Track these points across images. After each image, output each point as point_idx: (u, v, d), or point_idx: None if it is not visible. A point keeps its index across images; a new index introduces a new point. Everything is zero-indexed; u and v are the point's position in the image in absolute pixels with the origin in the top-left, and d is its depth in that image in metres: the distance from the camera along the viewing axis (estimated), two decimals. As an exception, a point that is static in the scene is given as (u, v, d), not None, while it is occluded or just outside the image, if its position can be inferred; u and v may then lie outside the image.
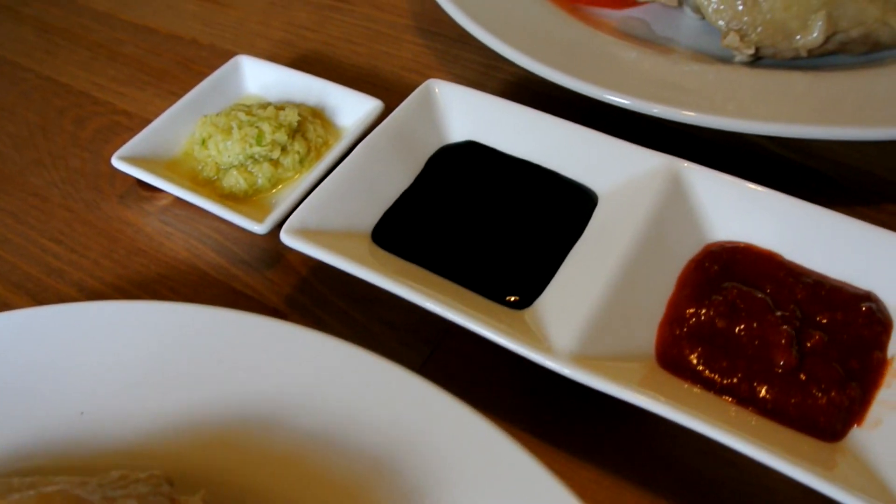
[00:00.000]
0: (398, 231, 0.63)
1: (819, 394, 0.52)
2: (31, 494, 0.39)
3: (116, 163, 0.69)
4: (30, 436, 0.51)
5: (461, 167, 0.68)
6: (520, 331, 0.54)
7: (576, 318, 0.54)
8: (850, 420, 0.51)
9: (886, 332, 0.55)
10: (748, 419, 0.51)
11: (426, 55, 0.85)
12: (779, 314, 0.55)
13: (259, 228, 0.64)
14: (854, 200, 0.70)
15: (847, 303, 0.57)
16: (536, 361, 0.51)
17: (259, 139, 0.70)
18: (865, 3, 0.73)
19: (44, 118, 0.82)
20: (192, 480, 0.48)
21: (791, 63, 0.77)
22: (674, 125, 0.69)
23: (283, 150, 0.71)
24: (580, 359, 0.52)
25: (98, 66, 0.87)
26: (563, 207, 0.64)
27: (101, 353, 0.53)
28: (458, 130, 0.70)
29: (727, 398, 0.53)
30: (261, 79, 0.79)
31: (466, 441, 0.48)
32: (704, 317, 0.56)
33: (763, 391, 0.52)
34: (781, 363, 0.53)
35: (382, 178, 0.65)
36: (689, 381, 0.54)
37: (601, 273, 0.56)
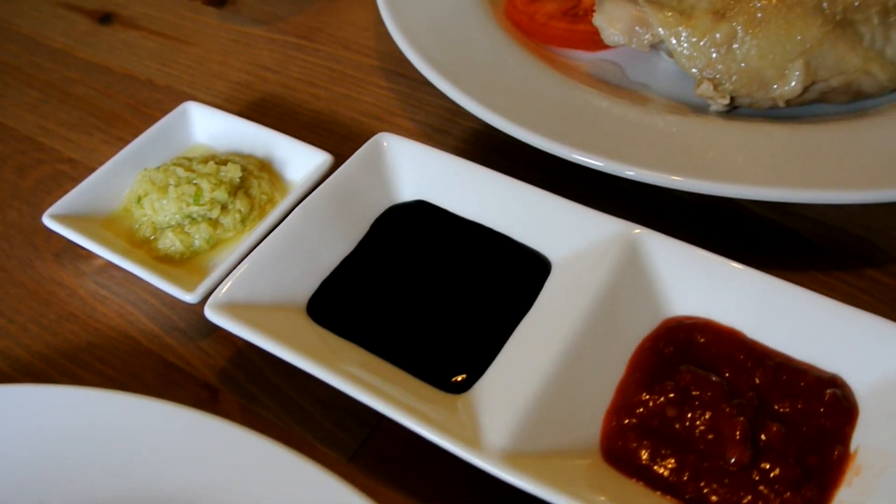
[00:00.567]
0: (335, 303, 0.61)
1: (772, 495, 0.49)
2: None
3: (48, 221, 0.68)
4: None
5: (409, 230, 0.66)
6: (453, 421, 0.52)
7: (514, 407, 0.51)
8: (805, 526, 0.48)
9: (850, 423, 0.52)
10: (693, 525, 0.49)
11: (389, 99, 0.83)
12: (735, 402, 0.53)
13: (189, 297, 0.62)
14: (832, 263, 0.67)
15: (810, 389, 0.54)
16: (465, 459, 0.49)
17: (197, 198, 0.68)
18: (846, 52, 0.70)
19: (-15, 166, 0.81)
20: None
21: (769, 113, 0.74)
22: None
23: (224, 209, 0.69)
24: (515, 456, 0.49)
25: (47, 109, 0.86)
26: (514, 276, 0.62)
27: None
28: (408, 189, 0.68)
29: (674, 499, 0.50)
30: (209, 127, 0.77)
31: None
32: (654, 405, 0.54)
33: (712, 492, 0.50)
34: (733, 460, 0.51)
35: (321, 245, 0.64)
36: (635, 479, 0.51)
37: (547, 353, 0.54)
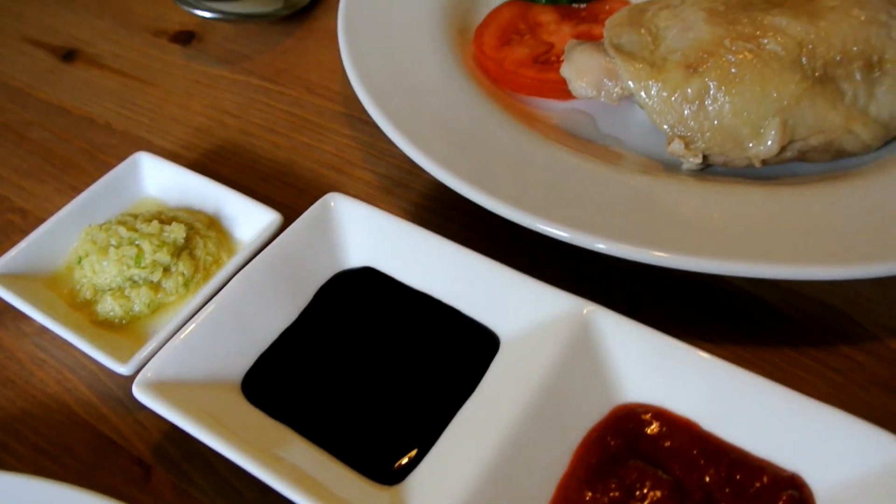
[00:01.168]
0: (270, 381, 0.60)
1: None
2: None
3: (-16, 282, 0.67)
4: None
5: (354, 299, 0.64)
6: (381, 519, 0.51)
7: (447, 504, 0.50)
8: None
9: (808, 530, 0.50)
10: None
11: (350, 149, 0.81)
12: (683, 504, 0.51)
13: (123, 369, 0.61)
14: (805, 338, 0.64)
15: (766, 490, 0.52)
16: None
17: (138, 260, 0.67)
18: (826, 110, 0.68)
19: (-69, 216, 0.80)
20: None
21: (745, 172, 0.72)
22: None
23: (166, 272, 0.68)
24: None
25: (1, 153, 0.86)
26: (461, 354, 0.60)
27: None
28: (356, 254, 0.67)
29: None
30: (160, 180, 0.76)
31: None
32: (595, 505, 0.52)
33: None
34: (677, 570, 0.48)
35: (260, 316, 0.62)
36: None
37: (487, 443, 0.52)
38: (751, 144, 0.69)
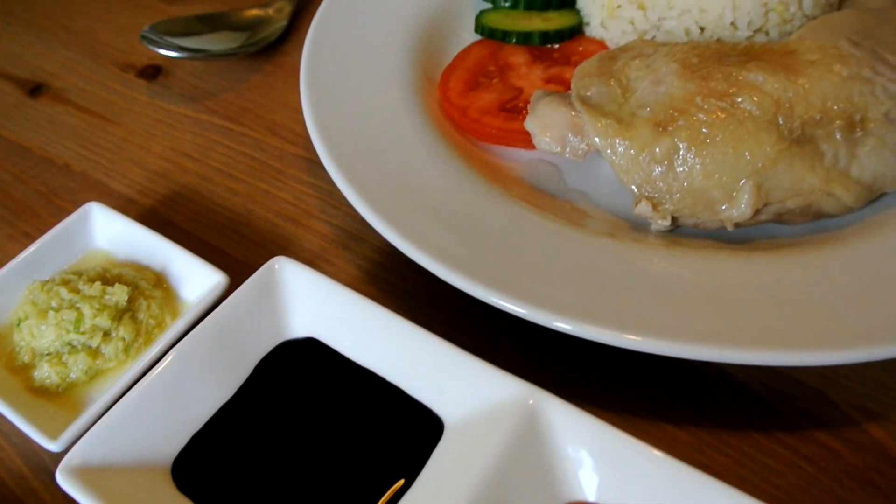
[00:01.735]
0: (202, 465, 0.57)
1: None
2: None
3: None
4: None
5: (294, 374, 0.62)
6: None
7: None
8: None
9: None
10: None
11: (308, 197, 0.78)
12: None
13: (52, 446, 0.59)
14: (775, 422, 0.61)
15: None
16: None
17: (77, 324, 0.65)
18: (804, 172, 0.64)
19: None
20: None
21: (717, 234, 0.68)
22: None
23: (106, 336, 0.65)
24: None
25: (-42, 197, 0.84)
26: (402, 440, 0.57)
27: None
28: (301, 324, 0.64)
29: None
30: (110, 233, 0.74)
31: None
32: None
33: None
34: None
35: (195, 393, 0.60)
36: None
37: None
38: (723, 207, 0.65)
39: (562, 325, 0.58)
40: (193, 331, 0.61)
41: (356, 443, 0.57)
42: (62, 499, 0.61)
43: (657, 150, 0.65)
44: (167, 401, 0.58)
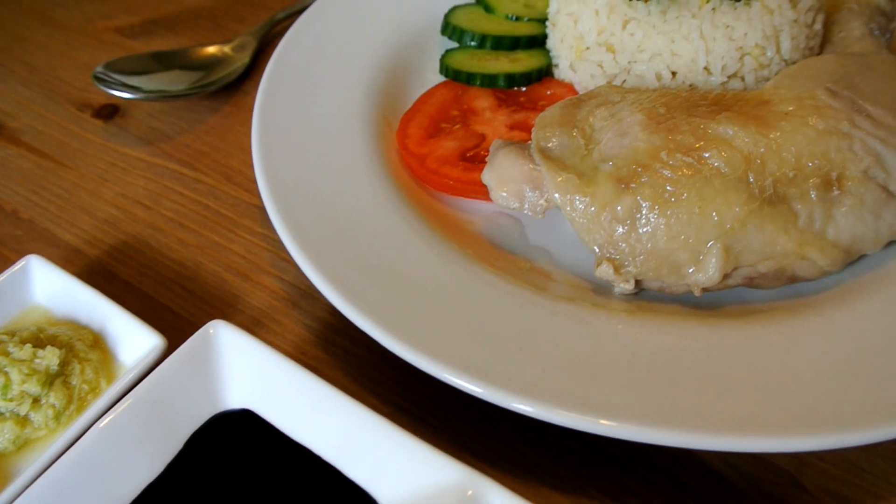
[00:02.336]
0: (121, 552, 0.54)
1: None
2: None
3: None
4: None
5: (227, 449, 0.58)
6: None
7: None
8: None
9: None
10: None
11: (258, 251, 0.76)
12: None
13: (-31, 528, 0.55)
14: (745, 508, 0.57)
15: None
16: None
17: (4, 390, 0.62)
18: (776, 234, 0.61)
19: None
20: None
21: (684, 299, 0.64)
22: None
23: (35, 403, 0.63)
24: None
25: None
26: (336, 524, 0.54)
27: None
28: (236, 394, 0.61)
29: None
30: (49, 288, 0.71)
31: None
32: None
33: None
34: None
35: (120, 470, 0.57)
36: None
37: None
38: (690, 270, 0.62)
39: (521, 407, 0.55)
40: (120, 402, 0.58)
41: (288, 528, 0.54)
42: (-20, 581, 0.58)
43: (619, 209, 0.62)
44: (89, 479, 0.55)
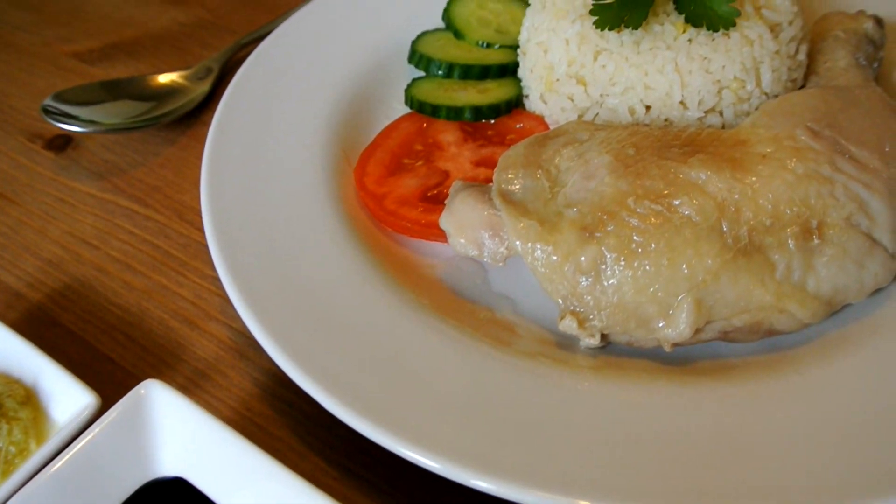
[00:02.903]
0: None
1: None
2: None
3: None
4: None
5: (157, 524, 0.54)
6: None
7: None
8: None
9: None
10: None
11: (208, 297, 0.72)
12: None
13: None
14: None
15: None
16: None
17: (-76, 455, 0.58)
18: (752, 287, 0.57)
19: None
20: None
21: (654, 353, 0.60)
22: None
23: (-42, 468, 0.59)
24: None
25: None
26: None
27: None
28: (170, 461, 0.57)
29: None
30: (-19, 338, 0.67)
31: None
32: None
33: None
34: None
35: (37, 549, 0.52)
36: None
37: None
38: (659, 325, 0.58)
39: (481, 485, 0.51)
40: (45, 469, 0.55)
41: None
42: None
43: (582, 259, 0.58)
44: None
